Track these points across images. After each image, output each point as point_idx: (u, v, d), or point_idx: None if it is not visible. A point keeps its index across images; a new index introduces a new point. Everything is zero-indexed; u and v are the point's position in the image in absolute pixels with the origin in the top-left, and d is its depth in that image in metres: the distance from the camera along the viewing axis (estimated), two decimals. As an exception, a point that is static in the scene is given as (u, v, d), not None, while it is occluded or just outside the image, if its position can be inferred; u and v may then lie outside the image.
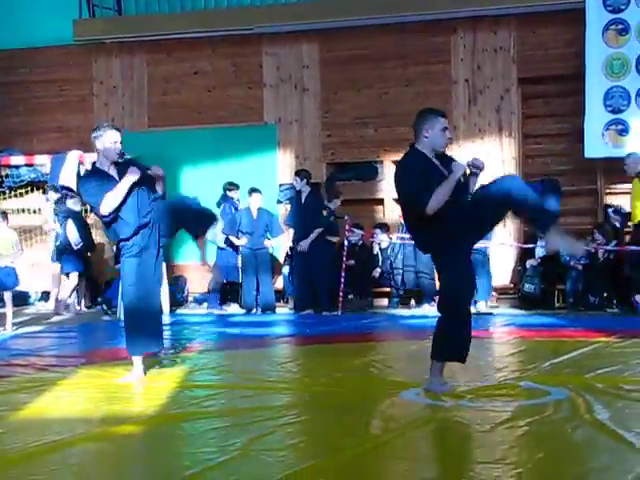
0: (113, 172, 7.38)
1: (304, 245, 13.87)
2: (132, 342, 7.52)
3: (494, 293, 14.42)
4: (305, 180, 14.12)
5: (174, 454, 4.98)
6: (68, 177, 15.64)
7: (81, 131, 16.68)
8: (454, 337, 6.49)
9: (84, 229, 14.53)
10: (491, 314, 13.06)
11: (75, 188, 15.63)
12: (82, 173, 15.99)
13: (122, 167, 7.38)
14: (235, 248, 14.47)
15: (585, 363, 7.90)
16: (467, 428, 5.34)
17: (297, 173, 14.34)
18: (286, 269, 14.87)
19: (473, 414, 5.75)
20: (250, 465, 4.70)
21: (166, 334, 11.60)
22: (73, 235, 14.23)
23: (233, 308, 14.59)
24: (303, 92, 15.87)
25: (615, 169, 14.40)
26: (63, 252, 14.29)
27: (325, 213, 14.22)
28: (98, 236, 15.35)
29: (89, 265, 14.90)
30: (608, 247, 13.41)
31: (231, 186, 14.70)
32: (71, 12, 16.47)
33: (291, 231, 14.44)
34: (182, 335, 11.02)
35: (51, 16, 16.65)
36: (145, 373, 7.50)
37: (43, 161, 16.06)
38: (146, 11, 16.77)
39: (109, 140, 7.36)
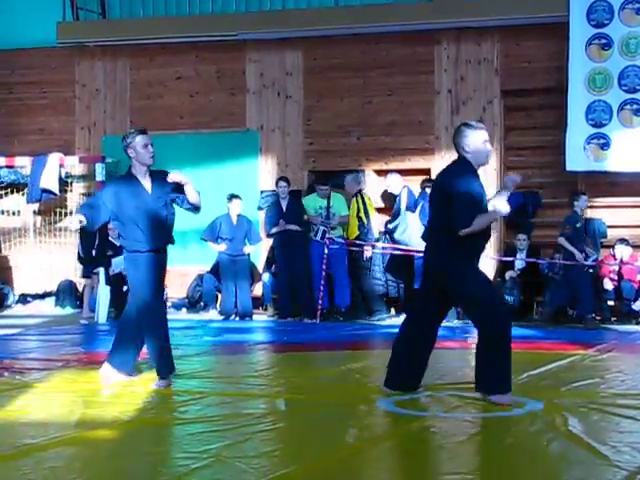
0: (146, 179, 7.36)
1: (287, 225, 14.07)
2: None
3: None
4: (289, 186, 14.24)
5: (148, 460, 4.96)
6: (49, 180, 15.58)
7: (63, 133, 16.70)
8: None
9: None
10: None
11: (56, 191, 15.60)
12: (62, 176, 15.98)
13: (156, 175, 7.41)
14: None
15: (562, 375, 7.92)
16: (442, 438, 5.34)
17: (285, 179, 14.36)
18: (266, 276, 14.84)
19: (448, 424, 5.75)
20: (224, 472, 4.69)
21: (144, 339, 11.62)
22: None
23: (211, 314, 14.55)
24: (286, 99, 15.86)
25: (596, 183, 14.46)
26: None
27: (306, 218, 14.25)
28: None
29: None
30: (587, 262, 13.45)
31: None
32: (55, 14, 16.39)
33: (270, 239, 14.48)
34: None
35: (35, 18, 16.57)
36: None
37: (24, 163, 15.99)
38: (130, 15, 16.71)
39: (140, 145, 7.33)
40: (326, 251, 13.87)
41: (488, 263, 14.59)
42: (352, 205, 14.34)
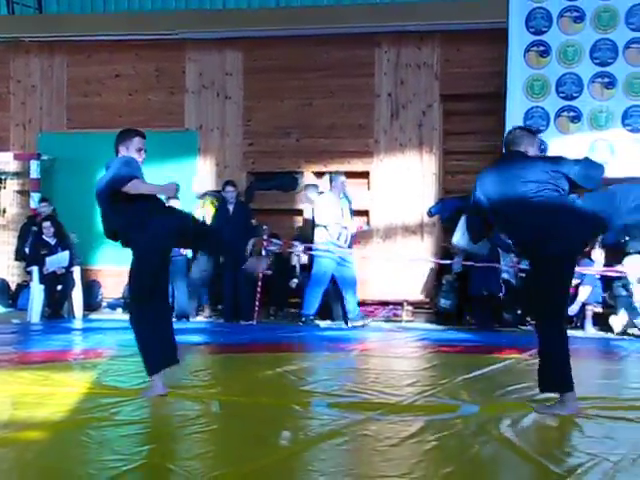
0: None
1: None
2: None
3: (410, 307, 14.48)
4: (236, 190, 14.16)
5: (78, 461, 4.88)
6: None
7: (-3, 129, 16.47)
8: None
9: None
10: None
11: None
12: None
13: None
14: None
15: (497, 379, 7.97)
16: (376, 441, 5.32)
17: (232, 183, 14.25)
18: (203, 277, 14.75)
19: (383, 427, 5.74)
20: (155, 474, 4.66)
21: (78, 339, 11.53)
22: None
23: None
24: (225, 99, 15.79)
25: (532, 188, 14.56)
26: None
27: (255, 222, 14.19)
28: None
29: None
30: (522, 265, 13.55)
31: None
32: (-10, 9, 16.21)
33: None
34: (94, 340, 10.89)
35: (-31, 12, 16.36)
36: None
37: (-43, 159, 15.77)
38: (68, 10, 16.53)
39: (134, 147, 6.92)
40: (264, 253, 13.81)
41: (425, 266, 14.70)
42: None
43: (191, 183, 15.53)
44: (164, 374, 6.89)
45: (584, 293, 12.97)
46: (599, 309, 13.28)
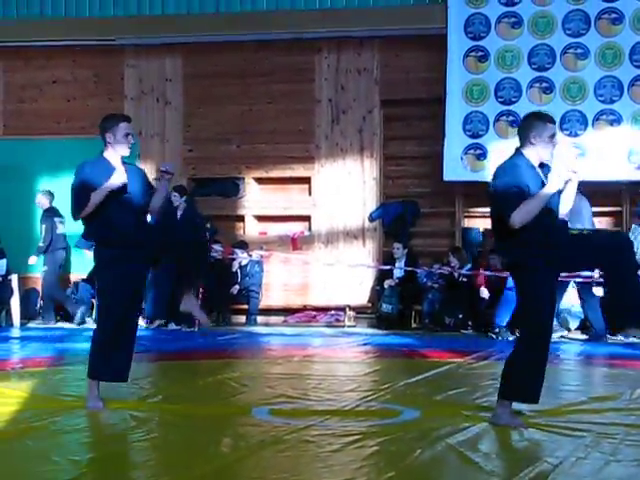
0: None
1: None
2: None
3: (352, 312, 14.50)
4: (183, 196, 13.95)
5: (13, 473, 4.78)
6: None
7: None
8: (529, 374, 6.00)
9: None
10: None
11: None
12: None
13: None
14: None
15: (438, 383, 7.98)
16: (318, 447, 5.30)
17: (178, 189, 14.01)
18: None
19: (324, 433, 5.71)
20: (94, 484, 4.58)
21: (16, 348, 11.37)
22: None
23: (86, 322, 14.26)
24: (165, 105, 15.69)
25: (473, 193, 14.65)
26: None
27: (209, 225, 14.06)
28: None
29: None
30: (463, 270, 13.63)
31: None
32: None
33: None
34: (32, 349, 10.75)
35: None
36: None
37: None
38: (3, 16, 16.29)
39: (121, 133, 6.66)
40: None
41: (367, 271, 14.73)
42: None
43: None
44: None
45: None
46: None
